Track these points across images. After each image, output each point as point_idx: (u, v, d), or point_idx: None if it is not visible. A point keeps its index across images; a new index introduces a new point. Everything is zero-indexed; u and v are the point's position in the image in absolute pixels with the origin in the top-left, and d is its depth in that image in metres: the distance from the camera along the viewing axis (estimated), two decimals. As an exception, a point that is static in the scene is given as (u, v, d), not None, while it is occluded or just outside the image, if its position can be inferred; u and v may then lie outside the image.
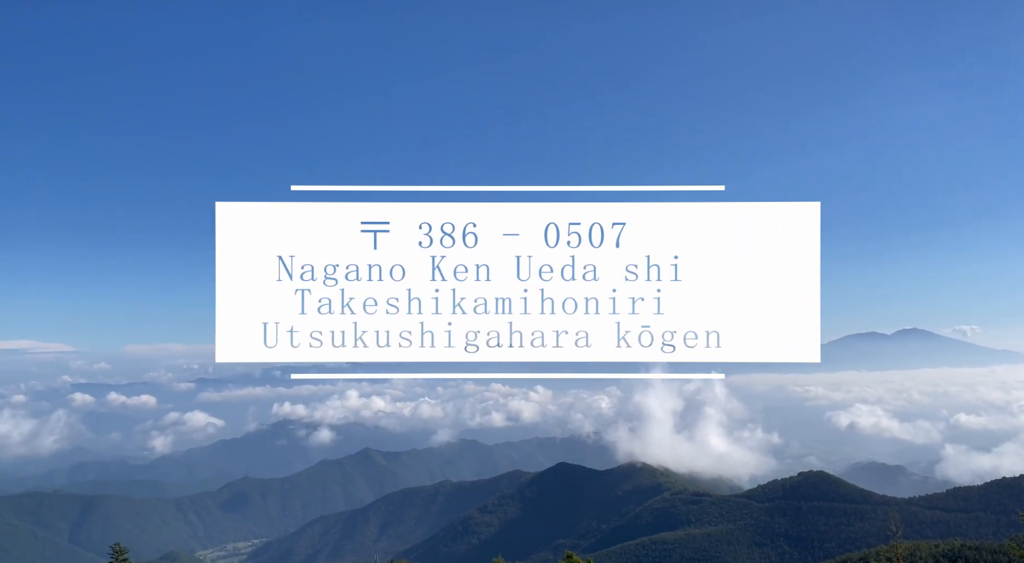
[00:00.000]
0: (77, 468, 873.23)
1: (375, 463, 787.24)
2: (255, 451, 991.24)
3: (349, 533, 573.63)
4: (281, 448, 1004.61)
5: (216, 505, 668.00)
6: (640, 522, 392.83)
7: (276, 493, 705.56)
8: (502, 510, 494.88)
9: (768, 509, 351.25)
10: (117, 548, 76.15)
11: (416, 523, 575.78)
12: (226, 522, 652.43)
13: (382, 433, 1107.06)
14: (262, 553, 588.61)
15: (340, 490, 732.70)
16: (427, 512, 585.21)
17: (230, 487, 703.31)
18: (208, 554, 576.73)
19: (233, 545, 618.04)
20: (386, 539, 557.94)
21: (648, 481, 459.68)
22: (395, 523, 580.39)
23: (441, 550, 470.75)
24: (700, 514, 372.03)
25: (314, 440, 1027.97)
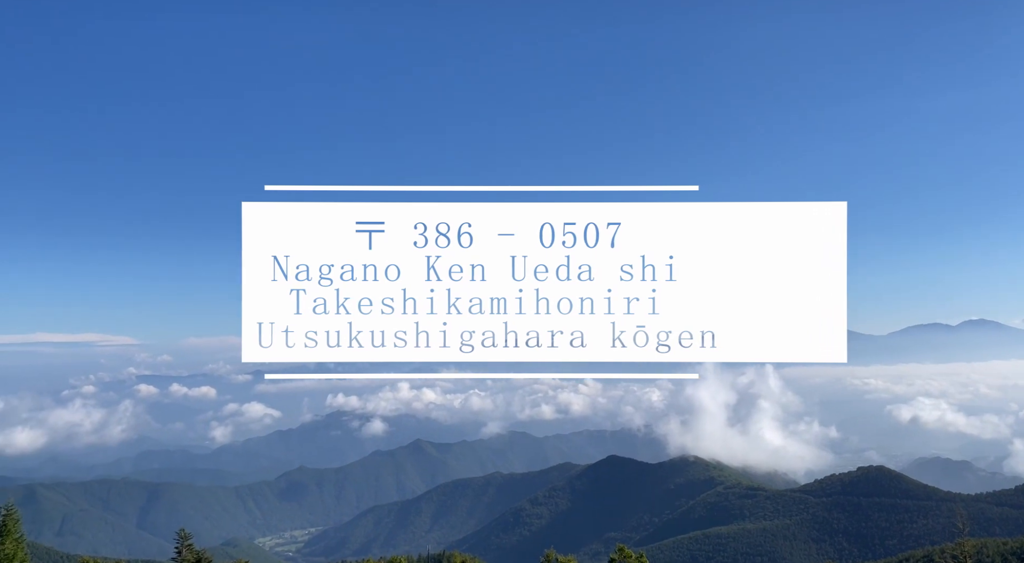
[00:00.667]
0: (143, 456, 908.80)
1: (426, 454, 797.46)
2: (310, 441, 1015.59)
3: (402, 523, 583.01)
4: (335, 438, 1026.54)
5: (273, 494, 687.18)
6: (693, 516, 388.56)
7: (331, 483, 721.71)
8: (553, 502, 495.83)
9: (826, 504, 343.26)
10: (182, 534, 78.79)
11: (468, 514, 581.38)
12: (283, 510, 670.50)
13: (433, 425, 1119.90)
14: (318, 541, 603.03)
15: (392, 480, 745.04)
16: (478, 503, 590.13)
17: (286, 476, 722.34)
18: (267, 541, 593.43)
19: (290, 533, 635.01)
20: (438, 529, 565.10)
21: (701, 475, 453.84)
22: (447, 513, 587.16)
23: (493, 541, 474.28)
24: (755, 508, 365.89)
25: (367, 431, 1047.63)
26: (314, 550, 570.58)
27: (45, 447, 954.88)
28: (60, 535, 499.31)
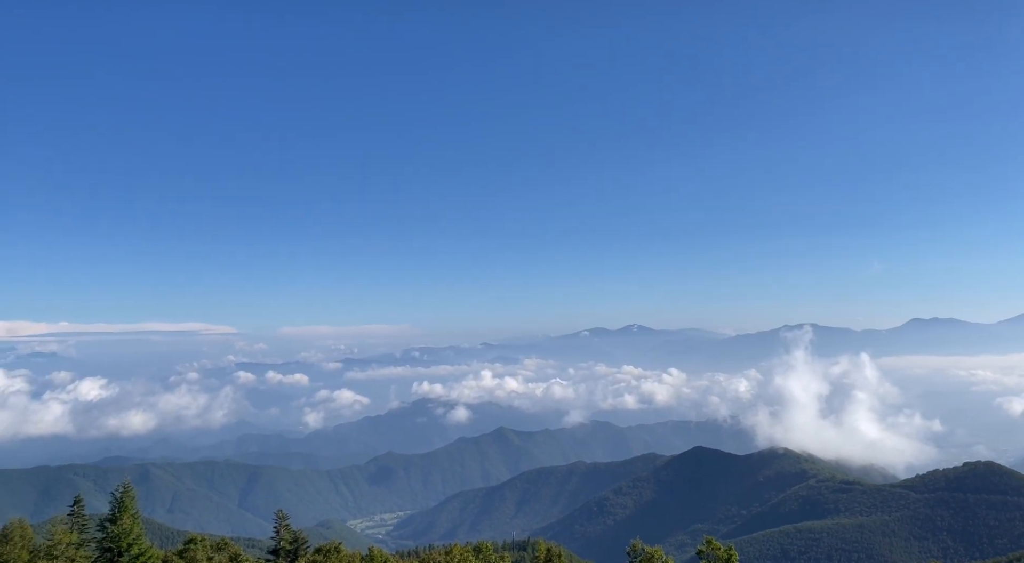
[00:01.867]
0: (243, 440, 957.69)
1: (510, 442, 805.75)
2: (397, 428, 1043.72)
3: (487, 508, 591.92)
4: (421, 425, 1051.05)
5: (363, 478, 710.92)
6: (783, 509, 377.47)
7: (417, 468, 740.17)
8: (637, 492, 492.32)
9: (929, 501, 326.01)
10: (280, 515, 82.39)
11: (551, 501, 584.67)
12: (373, 494, 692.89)
13: (515, 413, 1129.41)
14: (406, 525, 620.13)
15: (477, 467, 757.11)
16: (562, 491, 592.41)
17: (375, 461, 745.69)
18: (358, 524, 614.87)
19: (380, 516, 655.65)
20: (522, 516, 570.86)
21: (791, 467, 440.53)
22: (531, 501, 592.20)
23: (576, 529, 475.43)
24: (850, 503, 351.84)
25: (451, 418, 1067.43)
26: (403, 533, 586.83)
27: (156, 429, 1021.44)
28: (170, 512, 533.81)
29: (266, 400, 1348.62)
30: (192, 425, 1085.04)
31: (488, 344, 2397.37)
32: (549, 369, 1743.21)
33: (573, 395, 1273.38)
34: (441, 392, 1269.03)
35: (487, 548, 66.66)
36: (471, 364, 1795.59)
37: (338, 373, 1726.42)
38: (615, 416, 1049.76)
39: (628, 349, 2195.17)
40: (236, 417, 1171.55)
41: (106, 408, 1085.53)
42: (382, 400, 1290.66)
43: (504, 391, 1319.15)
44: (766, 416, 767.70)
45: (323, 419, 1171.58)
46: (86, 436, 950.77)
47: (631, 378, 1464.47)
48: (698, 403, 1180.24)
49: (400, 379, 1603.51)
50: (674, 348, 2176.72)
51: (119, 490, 54.46)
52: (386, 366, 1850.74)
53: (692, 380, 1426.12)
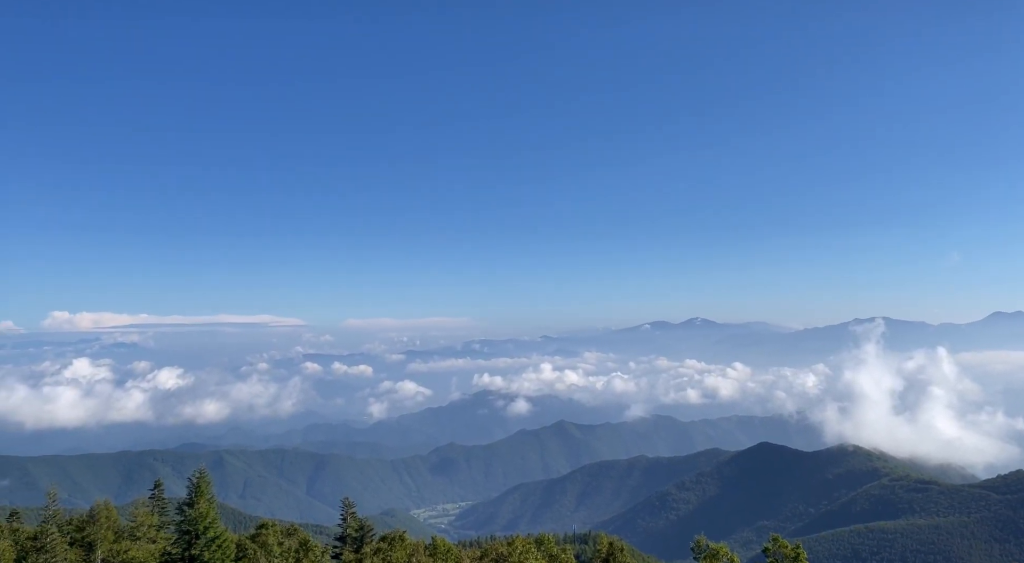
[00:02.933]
0: (310, 429, 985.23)
1: (570, 435, 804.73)
2: (459, 419, 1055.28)
3: (548, 501, 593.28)
4: (482, 417, 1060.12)
5: (426, 468, 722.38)
6: (854, 508, 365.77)
7: (479, 459, 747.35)
8: (700, 487, 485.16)
9: (1011, 502, 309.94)
10: (346, 503, 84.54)
11: (612, 495, 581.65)
12: (435, 484, 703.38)
13: (575, 406, 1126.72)
14: (468, 515, 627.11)
15: (538, 459, 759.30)
16: (623, 485, 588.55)
17: (438, 452, 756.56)
18: (421, 513, 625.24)
19: (443, 506, 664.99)
20: (583, 509, 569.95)
21: (862, 465, 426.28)
22: (592, 494, 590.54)
23: (638, 524, 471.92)
24: (925, 503, 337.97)
25: (511, 410, 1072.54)
26: (465, 523, 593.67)
27: (228, 417, 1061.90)
28: (242, 497, 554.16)
29: (332, 390, 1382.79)
30: (262, 414, 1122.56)
31: (548, 337, 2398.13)
32: (610, 363, 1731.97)
33: (634, 389, 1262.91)
34: (501, 384, 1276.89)
35: (549, 540, 66.78)
36: (531, 357, 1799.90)
37: (401, 365, 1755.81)
38: (677, 410, 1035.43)
39: (691, 343, 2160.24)
40: (304, 407, 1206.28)
41: (182, 396, 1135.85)
42: (444, 392, 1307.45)
43: (564, 384, 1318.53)
44: (835, 412, 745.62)
45: (386, 410, 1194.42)
46: (164, 423, 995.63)
47: (694, 372, 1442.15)
48: (763, 398, 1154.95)
49: (461, 371, 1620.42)
50: (739, 342, 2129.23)
51: (195, 476, 56.79)
52: (447, 358, 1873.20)
53: (757, 375, 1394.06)
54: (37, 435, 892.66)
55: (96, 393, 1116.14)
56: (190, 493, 56.11)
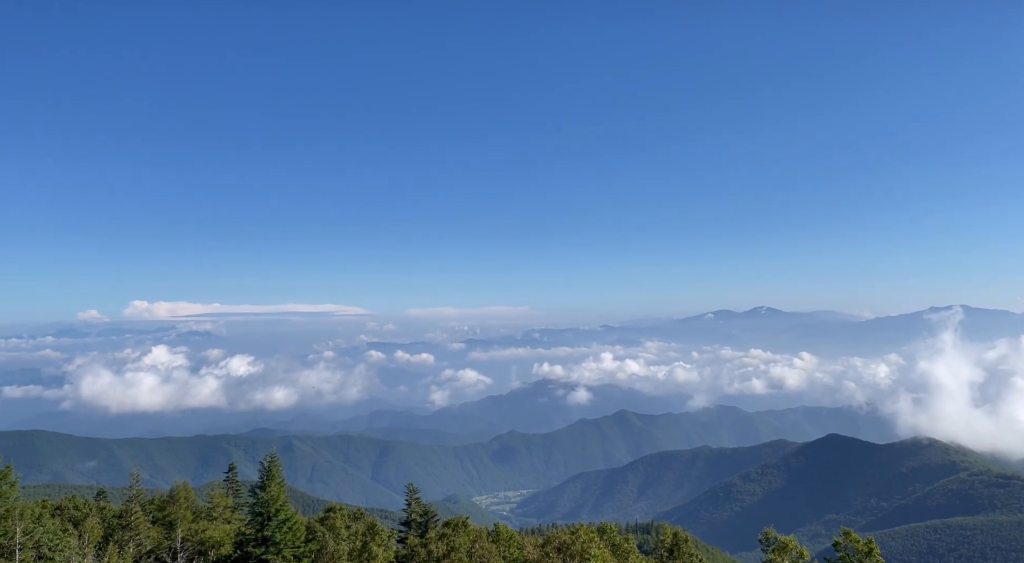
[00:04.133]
0: (375, 416, 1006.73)
1: (631, 425, 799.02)
2: (519, 407, 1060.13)
3: (609, 490, 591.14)
4: (542, 406, 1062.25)
5: (487, 455, 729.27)
6: (929, 503, 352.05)
7: (539, 447, 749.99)
8: (766, 479, 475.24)
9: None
10: (411, 489, 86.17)
11: (675, 486, 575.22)
12: (496, 471, 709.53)
13: (637, 396, 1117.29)
14: (529, 503, 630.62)
15: (598, 448, 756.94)
16: (686, 476, 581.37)
17: (498, 440, 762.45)
18: (482, 500, 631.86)
19: (503, 493, 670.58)
20: (645, 499, 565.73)
21: (939, 459, 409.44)
22: (653, 484, 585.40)
23: (701, 515, 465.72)
24: (1008, 499, 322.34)
25: (571, 399, 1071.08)
26: (526, 511, 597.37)
27: (297, 404, 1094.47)
28: (310, 482, 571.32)
29: (395, 378, 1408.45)
30: (328, 401, 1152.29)
31: (608, 326, 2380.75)
32: (672, 352, 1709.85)
33: (697, 379, 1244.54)
34: (561, 373, 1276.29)
35: (611, 530, 66.48)
36: (591, 346, 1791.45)
37: (462, 353, 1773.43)
38: (742, 401, 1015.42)
39: (756, 332, 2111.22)
40: (368, 394, 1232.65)
41: (253, 383, 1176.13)
42: (504, 380, 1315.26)
43: (625, 374, 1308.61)
44: (908, 404, 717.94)
45: (448, 397, 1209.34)
46: (236, 408, 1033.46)
47: (759, 362, 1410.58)
48: (832, 389, 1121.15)
49: (521, 360, 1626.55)
50: (806, 331, 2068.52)
51: (267, 460, 58.63)
52: (507, 347, 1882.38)
53: (825, 365, 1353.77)
54: (121, 418, 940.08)
55: (173, 379, 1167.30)
56: (262, 477, 58.05)
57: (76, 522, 62.57)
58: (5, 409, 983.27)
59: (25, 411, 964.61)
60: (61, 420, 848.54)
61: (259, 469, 58.46)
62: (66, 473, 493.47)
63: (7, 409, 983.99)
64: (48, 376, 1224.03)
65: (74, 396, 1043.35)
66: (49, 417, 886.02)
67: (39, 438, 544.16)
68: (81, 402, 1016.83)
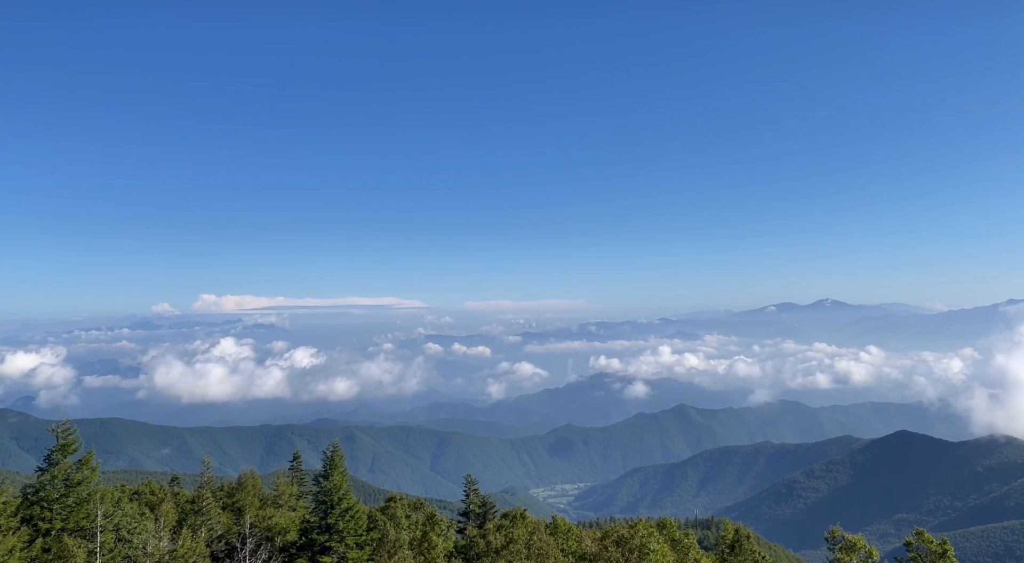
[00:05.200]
0: (433, 407, 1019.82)
1: (690, 419, 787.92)
2: (575, 400, 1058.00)
3: (668, 485, 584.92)
4: (599, 399, 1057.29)
5: (544, 448, 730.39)
6: (1008, 503, 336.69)
7: (597, 441, 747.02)
8: (831, 476, 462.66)
9: None
10: (469, 480, 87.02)
11: (736, 481, 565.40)
12: (553, 464, 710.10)
13: (696, 390, 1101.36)
14: (587, 496, 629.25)
15: (657, 443, 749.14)
16: (747, 471, 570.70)
17: (555, 433, 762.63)
18: (540, 492, 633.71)
19: (560, 486, 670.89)
20: (705, 494, 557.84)
21: (1017, 457, 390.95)
22: (713, 479, 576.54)
23: (764, 511, 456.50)
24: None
25: (629, 393, 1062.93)
26: (584, 504, 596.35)
27: (357, 395, 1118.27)
28: (371, 471, 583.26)
29: (452, 370, 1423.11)
30: (388, 392, 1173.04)
31: (666, 319, 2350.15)
32: (732, 346, 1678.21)
33: (759, 373, 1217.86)
34: (618, 367, 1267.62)
35: (671, 525, 65.71)
36: (648, 339, 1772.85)
37: (518, 346, 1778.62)
38: (805, 396, 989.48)
39: (820, 325, 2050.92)
40: (426, 385, 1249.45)
41: (316, 374, 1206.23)
42: (560, 373, 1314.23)
43: (684, 367, 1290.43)
44: (984, 400, 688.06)
45: (504, 390, 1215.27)
46: (299, 399, 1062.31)
47: (823, 356, 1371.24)
48: (901, 384, 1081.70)
49: (577, 353, 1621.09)
50: (873, 324, 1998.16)
51: (329, 450, 59.85)
52: (563, 340, 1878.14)
53: (894, 359, 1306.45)
54: (191, 408, 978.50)
55: (240, 370, 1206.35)
56: (325, 466, 59.38)
57: (152, 506, 65.38)
58: (86, 398, 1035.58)
59: (104, 400, 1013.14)
60: (137, 409, 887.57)
61: (322, 458, 59.79)
62: (142, 459, 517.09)
63: (88, 398, 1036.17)
64: (125, 367, 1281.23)
65: (148, 386, 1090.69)
66: (126, 406, 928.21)
67: (117, 426, 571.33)
68: (155, 392, 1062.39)
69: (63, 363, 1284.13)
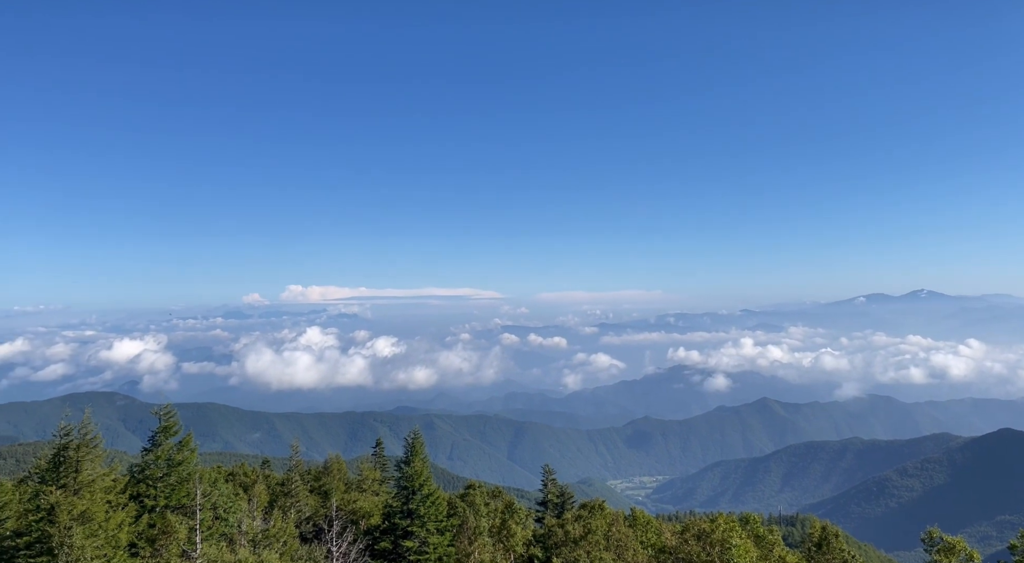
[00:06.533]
0: (509, 397, 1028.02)
1: (774, 413, 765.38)
2: (653, 392, 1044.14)
3: (749, 480, 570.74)
4: (677, 391, 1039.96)
5: (621, 440, 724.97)
6: None
7: (675, 434, 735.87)
8: (926, 474, 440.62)
9: None
10: (547, 470, 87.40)
11: (822, 478, 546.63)
12: (630, 456, 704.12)
13: (779, 383, 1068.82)
14: (665, 489, 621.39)
15: (738, 437, 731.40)
16: (834, 468, 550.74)
17: (633, 425, 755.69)
18: (617, 484, 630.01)
19: (639, 479, 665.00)
20: (789, 490, 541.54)
21: None
22: (798, 475, 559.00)
23: (852, 509, 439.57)
24: None
25: (709, 386, 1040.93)
26: (662, 497, 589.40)
27: (436, 384, 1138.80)
28: (450, 459, 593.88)
29: (528, 361, 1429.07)
30: (466, 381, 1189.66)
31: (748, 311, 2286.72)
32: (818, 338, 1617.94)
33: (847, 366, 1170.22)
34: (698, 359, 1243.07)
35: (754, 520, 64.02)
36: (730, 331, 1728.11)
37: (594, 337, 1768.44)
38: (897, 391, 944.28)
39: (914, 317, 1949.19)
40: (503, 376, 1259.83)
41: (396, 363, 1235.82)
42: (637, 365, 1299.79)
43: (767, 360, 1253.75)
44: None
45: (581, 381, 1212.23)
46: (381, 387, 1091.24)
47: (918, 349, 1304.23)
48: (1004, 379, 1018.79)
49: (655, 345, 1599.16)
50: (973, 316, 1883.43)
51: (411, 437, 61.17)
52: (641, 331, 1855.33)
53: (997, 353, 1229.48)
54: (280, 394, 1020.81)
55: (325, 358, 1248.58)
56: (406, 452, 60.78)
57: (246, 487, 68.65)
58: (184, 383, 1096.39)
59: (200, 385, 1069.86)
60: (230, 394, 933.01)
61: (403, 445, 61.20)
62: (235, 442, 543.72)
63: (186, 383, 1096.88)
64: (218, 354, 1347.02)
65: (240, 373, 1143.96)
66: (220, 391, 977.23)
67: (212, 410, 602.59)
68: (246, 378, 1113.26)
69: (164, 350, 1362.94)
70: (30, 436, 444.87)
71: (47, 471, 38.77)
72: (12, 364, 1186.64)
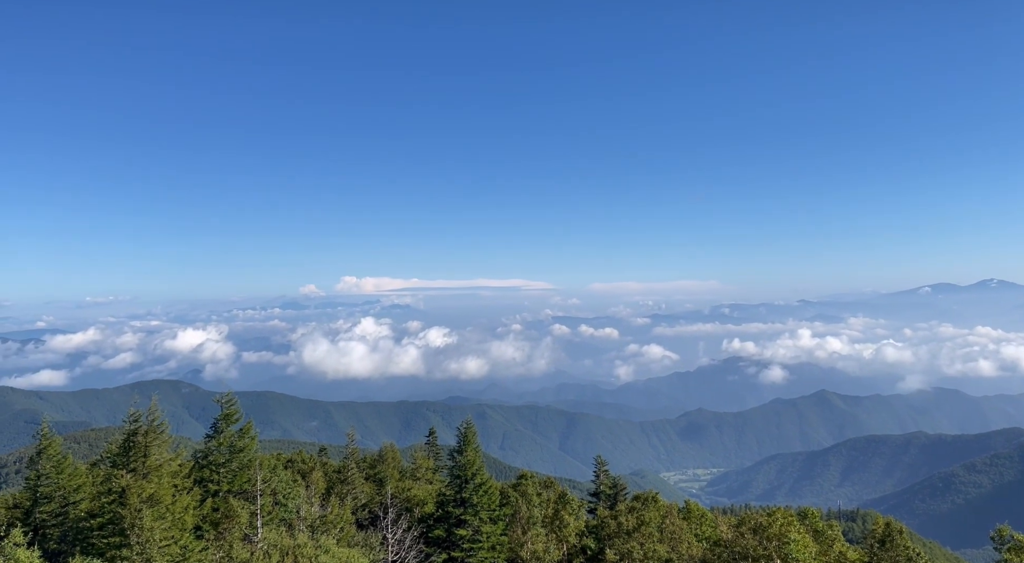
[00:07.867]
0: (561, 388, 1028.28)
1: (832, 406, 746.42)
2: (707, 384, 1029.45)
3: (807, 473, 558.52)
4: (732, 383, 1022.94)
5: (674, 432, 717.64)
6: None
7: (730, 426, 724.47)
8: (995, 470, 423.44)
9: None
10: (599, 461, 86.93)
11: (883, 473, 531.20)
12: (684, 448, 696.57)
13: (838, 375, 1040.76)
14: (720, 481, 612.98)
15: (795, 430, 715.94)
16: (897, 463, 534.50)
17: (686, 417, 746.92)
18: (670, 476, 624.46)
19: (693, 471, 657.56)
20: (849, 485, 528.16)
21: None
22: (858, 470, 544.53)
23: (916, 505, 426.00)
24: None
25: (764, 378, 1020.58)
26: (717, 490, 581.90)
27: (488, 374, 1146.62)
28: (502, 449, 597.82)
29: (580, 352, 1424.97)
30: (517, 372, 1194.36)
31: (806, 301, 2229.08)
32: (879, 329, 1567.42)
33: (910, 359, 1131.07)
34: (753, 351, 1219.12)
35: (813, 515, 62.58)
36: (786, 322, 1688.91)
37: (646, 328, 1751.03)
38: (965, 384, 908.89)
39: (983, 307, 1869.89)
40: (554, 366, 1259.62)
41: (448, 353, 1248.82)
42: (691, 356, 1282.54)
43: (825, 352, 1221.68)
44: None
45: (633, 372, 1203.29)
46: (433, 377, 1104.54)
47: (987, 341, 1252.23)
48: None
49: (709, 336, 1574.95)
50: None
51: (463, 426, 61.76)
52: (694, 323, 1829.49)
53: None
54: (335, 383, 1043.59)
55: (379, 348, 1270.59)
56: (459, 442, 61.40)
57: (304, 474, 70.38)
58: (244, 372, 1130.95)
59: (260, 374, 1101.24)
60: (288, 383, 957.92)
61: (456, 434, 61.83)
62: (293, 430, 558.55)
63: (246, 372, 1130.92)
64: (276, 344, 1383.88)
65: (297, 362, 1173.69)
66: (278, 380, 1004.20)
67: (271, 398, 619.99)
68: (303, 367, 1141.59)
69: (225, 340, 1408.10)
70: (101, 422, 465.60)
71: (118, 455, 40.52)
72: (85, 352, 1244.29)
